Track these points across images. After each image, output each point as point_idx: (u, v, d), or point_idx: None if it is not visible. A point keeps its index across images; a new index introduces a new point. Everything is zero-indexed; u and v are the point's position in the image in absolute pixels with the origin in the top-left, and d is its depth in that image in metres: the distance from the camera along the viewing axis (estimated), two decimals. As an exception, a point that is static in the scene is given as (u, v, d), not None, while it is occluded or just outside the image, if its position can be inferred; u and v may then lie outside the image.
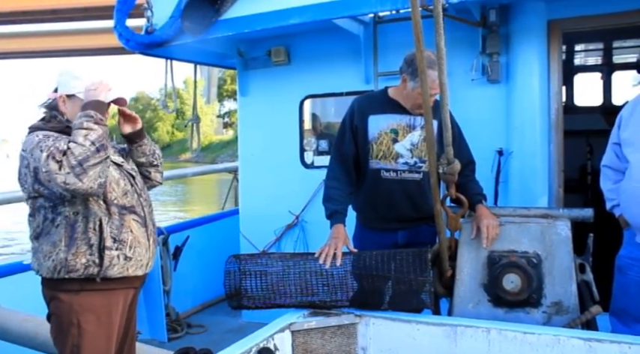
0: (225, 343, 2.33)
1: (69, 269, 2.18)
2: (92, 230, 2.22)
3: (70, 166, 2.05)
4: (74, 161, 2.06)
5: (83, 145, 2.08)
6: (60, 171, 2.06)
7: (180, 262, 4.68)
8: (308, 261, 2.59)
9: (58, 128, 2.27)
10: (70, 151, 2.07)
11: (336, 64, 4.34)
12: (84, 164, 2.07)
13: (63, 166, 2.06)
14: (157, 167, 2.62)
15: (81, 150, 2.07)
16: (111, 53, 51.33)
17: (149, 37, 4.16)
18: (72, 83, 2.30)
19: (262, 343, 2.20)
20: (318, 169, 4.37)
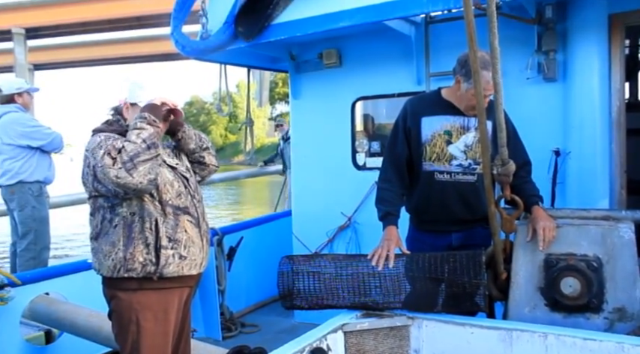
0: (278, 342, 2.36)
1: (127, 268, 2.26)
2: (148, 230, 2.29)
3: (122, 161, 2.16)
4: (126, 157, 2.16)
5: (135, 143, 2.19)
6: (113, 166, 2.16)
7: (234, 263, 4.77)
8: (361, 262, 2.60)
9: (119, 131, 2.39)
10: (124, 149, 2.18)
11: (387, 65, 4.33)
12: (134, 160, 2.16)
13: (116, 162, 2.16)
14: (208, 150, 2.68)
15: (132, 147, 2.18)
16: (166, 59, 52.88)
17: (204, 43, 4.27)
18: (136, 92, 2.44)
19: (315, 343, 2.22)
20: (370, 170, 4.37)
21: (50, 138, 4.97)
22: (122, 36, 53.48)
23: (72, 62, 58.87)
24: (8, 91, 4.99)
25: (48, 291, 3.61)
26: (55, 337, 3.73)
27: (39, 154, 4.94)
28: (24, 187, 4.86)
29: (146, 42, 51.59)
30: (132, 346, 2.31)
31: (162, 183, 2.33)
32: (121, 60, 56.49)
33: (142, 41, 52.25)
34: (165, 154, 2.51)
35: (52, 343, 3.71)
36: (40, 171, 4.95)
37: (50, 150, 5.04)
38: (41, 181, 4.97)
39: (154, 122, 2.27)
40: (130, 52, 53.39)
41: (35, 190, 4.91)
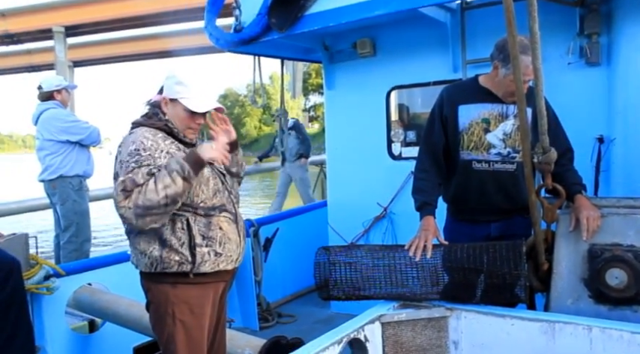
0: (314, 333, 2.36)
1: (164, 266, 2.28)
2: (180, 230, 2.29)
3: (135, 204, 2.13)
4: (140, 203, 2.12)
5: (157, 194, 2.12)
6: (123, 202, 2.14)
7: (270, 254, 4.80)
8: (398, 253, 2.58)
9: (158, 125, 2.36)
10: (144, 190, 2.13)
11: (422, 53, 4.26)
12: (147, 211, 2.13)
13: (130, 199, 2.14)
14: (241, 179, 2.69)
15: (152, 198, 2.12)
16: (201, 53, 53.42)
17: (238, 35, 4.28)
18: (175, 88, 2.36)
19: (353, 334, 2.21)
20: (406, 160, 4.32)
21: (88, 132, 5.08)
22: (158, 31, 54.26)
23: (110, 58, 60.15)
24: (48, 89, 5.12)
25: (90, 281, 3.70)
26: (99, 326, 3.83)
27: (78, 148, 5.06)
28: (65, 181, 4.99)
29: (181, 36, 52.25)
30: (168, 338, 2.34)
31: (196, 184, 2.29)
32: (157, 54, 57.39)
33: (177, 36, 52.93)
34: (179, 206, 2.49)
35: (96, 332, 3.81)
36: (79, 165, 5.07)
37: (88, 144, 5.15)
38: (81, 175, 5.09)
39: (189, 178, 2.18)
40: (166, 47, 54.13)
41: (75, 184, 5.03)
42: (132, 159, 2.21)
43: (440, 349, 2.41)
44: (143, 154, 2.22)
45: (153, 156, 2.23)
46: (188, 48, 52.45)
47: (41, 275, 3.30)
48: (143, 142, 2.26)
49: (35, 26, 52.06)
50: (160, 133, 2.34)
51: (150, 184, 2.15)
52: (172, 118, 2.37)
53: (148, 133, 2.31)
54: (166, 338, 2.35)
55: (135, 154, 2.22)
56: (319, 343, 2.05)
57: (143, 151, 2.22)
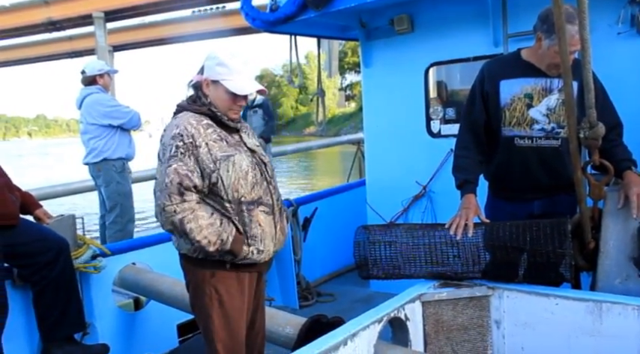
0: (354, 312, 2.37)
1: (206, 254, 2.30)
2: None
3: (181, 218, 2.20)
4: (179, 223, 2.20)
5: (198, 234, 2.20)
6: (167, 208, 2.20)
7: (309, 233, 4.82)
8: (438, 231, 2.55)
9: (201, 110, 2.36)
10: (197, 218, 2.21)
11: (461, 28, 4.15)
12: (178, 231, 2.23)
13: (182, 204, 2.20)
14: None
15: (194, 231, 2.20)
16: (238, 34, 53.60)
17: (274, 15, 4.26)
18: (217, 69, 2.34)
19: (393, 313, 2.21)
20: (446, 138, 4.25)
21: (129, 116, 5.17)
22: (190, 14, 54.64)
23: (148, 41, 60.97)
24: (90, 73, 5.23)
25: (134, 261, 3.79)
26: (144, 304, 3.94)
27: (120, 132, 5.16)
28: (108, 164, 5.11)
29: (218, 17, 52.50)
30: (206, 317, 2.39)
31: (235, 179, 2.29)
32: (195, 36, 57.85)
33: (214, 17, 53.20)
34: (245, 132, 2.50)
35: (141, 310, 3.92)
36: (121, 148, 5.18)
37: (129, 127, 5.25)
38: (123, 158, 5.20)
39: (219, 251, 2.26)
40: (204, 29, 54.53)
41: (118, 167, 5.15)
42: (174, 142, 2.24)
43: (481, 329, 2.39)
44: (186, 140, 2.24)
45: (194, 144, 2.24)
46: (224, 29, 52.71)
47: (88, 255, 3.40)
48: (187, 127, 2.27)
49: (76, 12, 53.13)
50: (204, 119, 2.34)
51: (204, 220, 2.22)
52: (214, 100, 2.37)
53: (192, 119, 2.31)
54: (205, 317, 2.40)
55: (177, 138, 2.24)
56: (360, 321, 2.06)
57: (186, 138, 2.24)
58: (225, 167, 2.27)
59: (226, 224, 2.28)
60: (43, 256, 3.06)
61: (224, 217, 2.29)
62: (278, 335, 2.77)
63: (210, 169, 2.25)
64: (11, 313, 2.95)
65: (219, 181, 2.26)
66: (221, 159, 2.27)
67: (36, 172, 23.26)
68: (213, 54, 2.40)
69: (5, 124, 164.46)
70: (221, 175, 2.26)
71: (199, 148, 2.25)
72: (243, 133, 2.48)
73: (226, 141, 2.34)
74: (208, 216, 2.25)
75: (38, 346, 3.22)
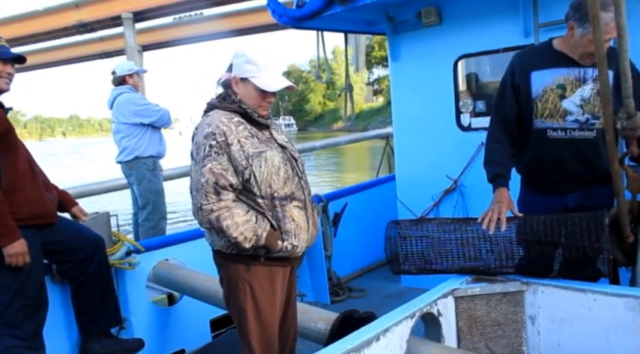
0: (385, 307, 2.36)
1: (239, 250, 2.33)
2: None
3: (217, 216, 2.24)
4: (216, 221, 2.24)
5: (234, 231, 2.24)
6: (204, 207, 2.25)
7: (339, 229, 4.82)
8: (470, 226, 2.52)
9: (232, 108, 2.38)
10: (233, 216, 2.24)
11: (491, 19, 4.08)
12: (215, 227, 2.27)
13: (219, 202, 2.24)
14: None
15: (230, 228, 2.23)
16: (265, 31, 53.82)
17: (300, 11, 4.26)
18: (245, 67, 2.36)
19: (425, 309, 2.20)
20: (476, 131, 4.19)
21: (159, 115, 5.25)
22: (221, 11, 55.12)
23: (176, 40, 61.72)
24: (121, 73, 5.32)
25: (167, 257, 3.85)
26: (177, 300, 4.00)
27: (150, 130, 5.24)
28: (140, 162, 5.20)
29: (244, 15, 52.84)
30: (240, 312, 2.42)
31: (267, 174, 2.31)
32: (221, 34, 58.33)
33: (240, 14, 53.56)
34: (275, 129, 2.51)
35: (175, 305, 3.98)
36: (152, 146, 5.25)
37: (160, 126, 5.33)
38: (154, 156, 5.28)
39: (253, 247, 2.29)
40: (230, 26, 54.95)
41: (150, 165, 5.23)
42: (207, 142, 2.27)
43: (516, 324, 2.36)
44: (218, 139, 2.26)
45: (226, 142, 2.27)
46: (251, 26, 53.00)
47: (123, 251, 3.47)
48: (219, 125, 2.29)
49: (106, 14, 54.12)
50: (235, 117, 2.36)
51: (240, 217, 2.26)
52: (243, 98, 2.39)
53: (223, 117, 2.34)
54: (238, 312, 2.43)
55: (210, 137, 2.27)
56: (392, 317, 2.05)
57: (218, 136, 2.27)
58: (257, 163, 2.29)
59: (261, 220, 2.30)
60: (80, 253, 3.13)
61: (258, 213, 2.32)
62: (310, 330, 2.78)
63: (242, 166, 2.27)
64: (51, 308, 3.03)
65: (252, 177, 2.28)
66: (253, 155, 2.29)
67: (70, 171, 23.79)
68: (241, 52, 2.41)
69: (41, 125, 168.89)
70: (254, 172, 2.28)
71: (232, 146, 2.27)
72: (273, 129, 2.49)
73: (257, 137, 2.36)
74: (244, 213, 2.28)
75: (77, 340, 3.30)
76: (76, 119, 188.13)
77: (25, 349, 2.85)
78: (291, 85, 2.42)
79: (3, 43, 2.94)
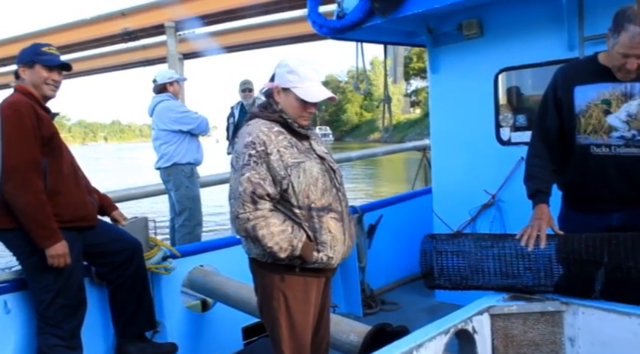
0: (419, 321, 2.33)
1: (274, 259, 2.33)
2: None
3: (254, 225, 2.25)
4: (252, 230, 2.25)
5: (269, 240, 2.25)
6: (240, 215, 2.27)
7: (374, 240, 4.79)
8: (508, 242, 2.47)
9: (272, 118, 2.40)
10: (269, 225, 2.25)
11: (534, 32, 4.00)
12: (251, 236, 2.28)
13: (255, 211, 2.25)
14: None
15: (266, 237, 2.25)
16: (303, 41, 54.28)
17: (340, 22, 4.28)
18: (287, 77, 2.38)
19: (460, 325, 2.16)
20: (516, 145, 4.11)
21: (197, 122, 5.34)
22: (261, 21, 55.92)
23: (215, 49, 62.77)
24: (161, 81, 5.44)
25: (202, 263, 3.90)
26: (210, 306, 4.03)
27: (189, 137, 5.34)
28: (177, 168, 5.29)
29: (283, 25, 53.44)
30: (273, 321, 2.42)
31: (305, 185, 2.31)
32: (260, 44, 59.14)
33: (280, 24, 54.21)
34: (314, 139, 2.52)
35: (208, 311, 4.02)
36: (190, 153, 5.35)
37: (198, 133, 5.42)
38: (192, 163, 5.37)
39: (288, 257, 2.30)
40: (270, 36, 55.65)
41: (187, 171, 5.33)
42: (247, 151, 2.30)
43: (554, 346, 2.29)
44: (258, 148, 2.28)
45: (265, 152, 2.28)
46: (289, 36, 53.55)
47: (159, 256, 3.52)
48: (259, 135, 2.32)
49: (149, 23, 55.54)
50: (275, 126, 2.38)
51: (276, 227, 2.27)
52: (285, 107, 2.41)
53: (264, 126, 2.36)
54: (272, 321, 2.43)
55: (250, 147, 2.30)
56: (426, 332, 2.02)
57: (258, 146, 2.29)
58: (296, 174, 2.30)
59: (297, 230, 2.30)
60: (118, 256, 3.20)
61: (295, 223, 2.32)
62: (342, 342, 2.76)
63: (281, 175, 2.28)
64: (89, 309, 3.10)
65: (290, 187, 2.29)
66: (292, 165, 2.30)
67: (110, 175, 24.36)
68: (284, 62, 2.43)
69: (84, 130, 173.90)
70: (292, 182, 2.29)
71: (271, 156, 2.29)
72: (313, 140, 2.50)
73: (297, 147, 2.37)
74: (280, 223, 2.29)
75: (113, 342, 3.36)
76: (118, 124, 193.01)
77: (64, 348, 2.92)
78: (333, 96, 2.44)
79: (53, 51, 3.04)
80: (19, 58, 2.99)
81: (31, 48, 3.04)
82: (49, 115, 3.01)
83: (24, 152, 2.76)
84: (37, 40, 3.68)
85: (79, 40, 60.49)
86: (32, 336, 2.99)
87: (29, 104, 2.87)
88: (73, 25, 60.69)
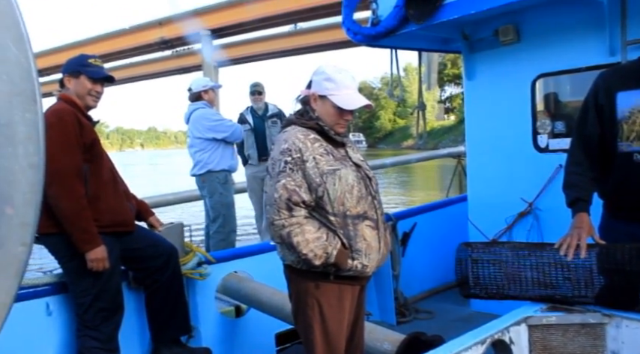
0: (453, 331, 2.30)
1: (309, 266, 2.33)
2: None
3: (289, 231, 2.25)
4: (287, 236, 2.26)
5: (304, 248, 2.25)
6: (275, 222, 2.27)
7: (408, 248, 4.75)
8: (546, 252, 2.42)
9: (309, 125, 2.41)
10: (303, 233, 2.25)
11: (573, 36, 3.92)
12: (285, 243, 2.29)
13: (290, 218, 2.25)
14: None
15: (301, 244, 2.25)
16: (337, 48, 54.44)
17: (375, 29, 4.27)
18: (325, 84, 2.39)
19: (497, 335, 2.12)
20: (554, 153, 4.03)
21: (231, 130, 5.40)
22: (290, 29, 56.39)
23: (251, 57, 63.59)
24: (196, 90, 5.53)
25: (236, 269, 3.93)
26: (244, 312, 4.06)
27: (223, 145, 5.40)
28: (212, 175, 5.36)
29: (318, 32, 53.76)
30: (307, 328, 2.42)
31: (341, 192, 2.31)
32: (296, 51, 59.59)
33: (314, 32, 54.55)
34: (350, 147, 2.52)
35: (242, 317, 4.05)
36: (225, 160, 5.41)
37: (232, 140, 5.48)
38: (226, 170, 5.43)
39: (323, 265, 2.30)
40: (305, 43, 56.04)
41: (222, 178, 5.38)
42: (283, 158, 2.31)
43: (596, 359, 2.23)
44: (294, 155, 2.29)
45: (301, 159, 2.30)
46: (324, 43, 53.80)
47: (195, 262, 3.57)
48: (295, 142, 2.33)
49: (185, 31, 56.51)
50: (311, 133, 2.39)
51: (311, 234, 2.27)
52: (322, 115, 2.41)
53: (300, 133, 2.37)
54: (305, 328, 2.43)
55: (286, 154, 2.31)
56: (461, 342, 1.99)
57: (294, 153, 2.30)
58: (331, 181, 2.30)
59: (332, 238, 2.30)
60: (154, 261, 3.25)
61: (330, 230, 2.32)
62: (375, 350, 2.74)
63: (316, 183, 2.29)
64: (126, 313, 3.16)
65: (326, 194, 2.29)
66: (327, 173, 2.30)
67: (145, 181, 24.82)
68: (321, 69, 2.44)
69: (122, 136, 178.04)
70: (327, 189, 2.29)
71: (306, 163, 2.30)
72: (349, 147, 2.50)
73: (333, 155, 2.37)
74: (315, 230, 2.29)
75: (149, 345, 3.42)
76: (154, 131, 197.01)
77: (103, 350, 2.99)
78: (369, 104, 2.43)
79: (98, 63, 3.13)
80: (66, 67, 3.10)
81: (77, 59, 3.14)
82: (91, 123, 3.09)
83: (67, 158, 2.85)
84: (78, 50, 3.80)
85: (117, 49, 62.05)
86: (72, 338, 3.07)
87: (72, 112, 2.96)
88: (112, 35, 62.30)
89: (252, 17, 51.23)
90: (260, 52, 60.41)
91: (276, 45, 58.45)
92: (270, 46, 58.96)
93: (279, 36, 57.97)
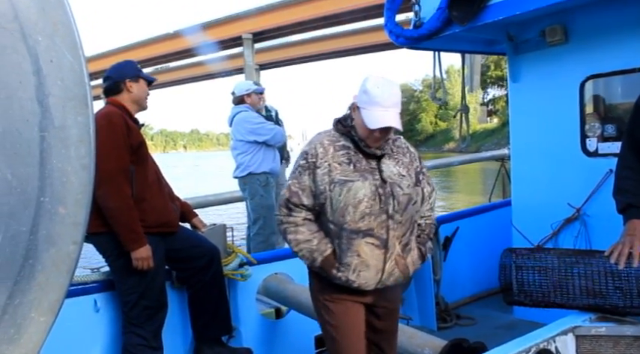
0: (496, 338, 2.26)
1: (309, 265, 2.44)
2: None
3: (284, 228, 2.39)
4: (283, 232, 2.41)
5: (293, 247, 2.38)
6: (277, 217, 2.43)
7: (449, 253, 4.68)
8: (595, 259, 2.35)
9: (342, 131, 2.40)
10: (292, 230, 2.37)
11: (624, 36, 3.77)
12: (284, 238, 2.43)
13: (288, 217, 2.37)
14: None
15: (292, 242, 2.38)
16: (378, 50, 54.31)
17: (418, 31, 4.22)
18: (361, 96, 2.31)
19: (542, 344, 2.07)
20: (604, 157, 3.89)
21: (272, 133, 5.43)
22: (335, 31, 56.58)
23: (292, 60, 64.13)
24: (239, 93, 5.59)
25: (277, 271, 3.95)
26: (284, 314, 4.08)
27: (265, 148, 5.44)
28: (253, 178, 5.41)
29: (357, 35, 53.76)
30: (324, 326, 2.51)
31: (344, 204, 2.26)
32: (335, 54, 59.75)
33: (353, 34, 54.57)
34: (393, 160, 2.40)
35: (281, 319, 4.07)
36: (266, 163, 5.45)
37: (273, 144, 5.51)
38: (267, 172, 5.47)
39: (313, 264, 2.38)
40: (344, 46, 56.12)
41: (262, 181, 5.43)
42: (299, 160, 2.40)
43: (649, 372, 2.14)
44: (309, 159, 2.34)
45: (315, 164, 2.32)
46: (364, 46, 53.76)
47: (236, 263, 3.61)
48: (316, 147, 2.36)
49: (228, 35, 57.48)
50: (342, 139, 2.38)
51: (302, 236, 2.36)
52: (357, 125, 2.34)
53: (326, 139, 2.38)
54: (323, 326, 2.54)
55: (303, 156, 2.38)
56: (505, 349, 1.96)
57: (310, 157, 2.35)
58: (338, 191, 2.27)
59: (323, 244, 2.34)
60: (198, 262, 3.31)
61: (327, 236, 2.36)
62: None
63: (320, 190, 2.31)
64: (169, 312, 3.23)
65: (328, 202, 2.30)
66: (337, 182, 2.28)
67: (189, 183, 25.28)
68: (366, 79, 2.35)
69: (165, 138, 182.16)
70: (331, 198, 2.29)
71: (318, 169, 2.31)
72: (389, 160, 2.39)
73: (355, 165, 2.32)
74: (309, 233, 2.36)
75: (191, 344, 3.48)
76: (196, 133, 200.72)
77: (147, 348, 3.06)
78: (390, 128, 2.29)
79: None
80: (124, 72, 3.21)
81: (130, 64, 3.31)
82: (137, 126, 3.18)
83: (115, 160, 2.94)
84: (125, 55, 3.95)
85: (162, 53, 63.61)
86: (118, 334, 3.16)
87: (121, 115, 3.06)
88: (157, 40, 63.88)
89: (290, 21, 51.68)
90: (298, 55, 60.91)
91: (314, 48, 58.78)
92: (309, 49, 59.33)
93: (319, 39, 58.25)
